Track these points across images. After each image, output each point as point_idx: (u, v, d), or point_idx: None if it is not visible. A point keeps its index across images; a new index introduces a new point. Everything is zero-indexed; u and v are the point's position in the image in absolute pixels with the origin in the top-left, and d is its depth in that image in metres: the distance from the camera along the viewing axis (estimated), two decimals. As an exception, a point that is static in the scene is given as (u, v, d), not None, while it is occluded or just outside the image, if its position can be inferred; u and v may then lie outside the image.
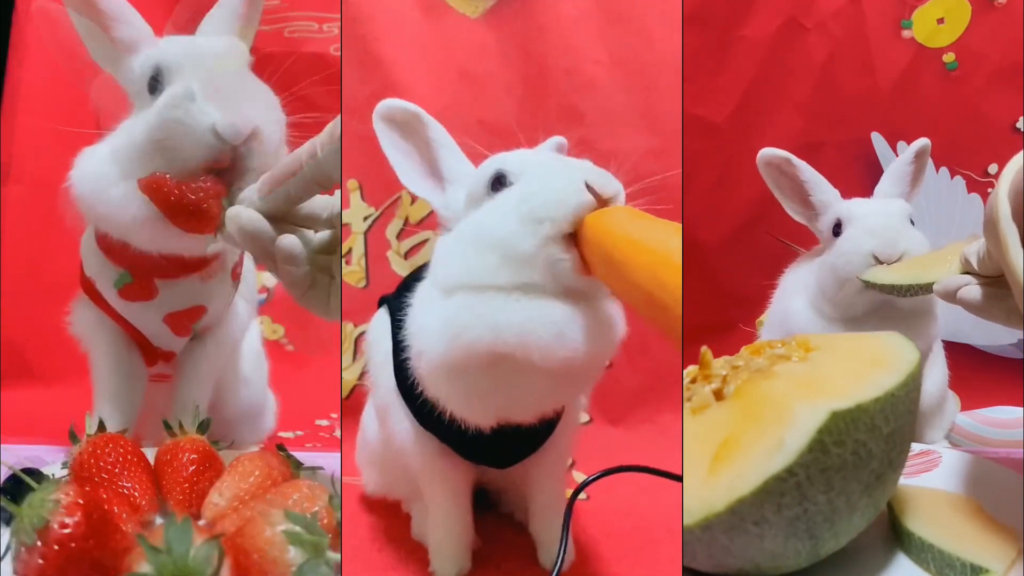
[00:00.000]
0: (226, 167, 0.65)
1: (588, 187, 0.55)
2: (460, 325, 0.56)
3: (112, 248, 0.75)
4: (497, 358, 0.55)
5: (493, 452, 0.67)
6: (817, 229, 0.93)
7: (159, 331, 0.82)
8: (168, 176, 0.65)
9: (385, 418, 0.68)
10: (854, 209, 0.88)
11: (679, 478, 0.54)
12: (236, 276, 0.84)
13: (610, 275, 0.52)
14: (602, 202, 0.55)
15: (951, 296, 0.62)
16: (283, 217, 0.56)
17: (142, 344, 0.83)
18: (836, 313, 0.88)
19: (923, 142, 0.93)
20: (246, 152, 0.65)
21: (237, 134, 0.64)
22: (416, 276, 0.65)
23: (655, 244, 0.48)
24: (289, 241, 0.53)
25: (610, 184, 0.57)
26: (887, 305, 0.86)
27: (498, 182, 0.60)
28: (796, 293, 0.94)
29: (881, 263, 0.83)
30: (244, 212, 0.55)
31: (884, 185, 0.93)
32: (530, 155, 0.62)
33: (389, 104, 0.66)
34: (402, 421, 0.66)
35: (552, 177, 0.57)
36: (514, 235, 0.55)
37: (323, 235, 0.57)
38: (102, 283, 0.78)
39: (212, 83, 0.66)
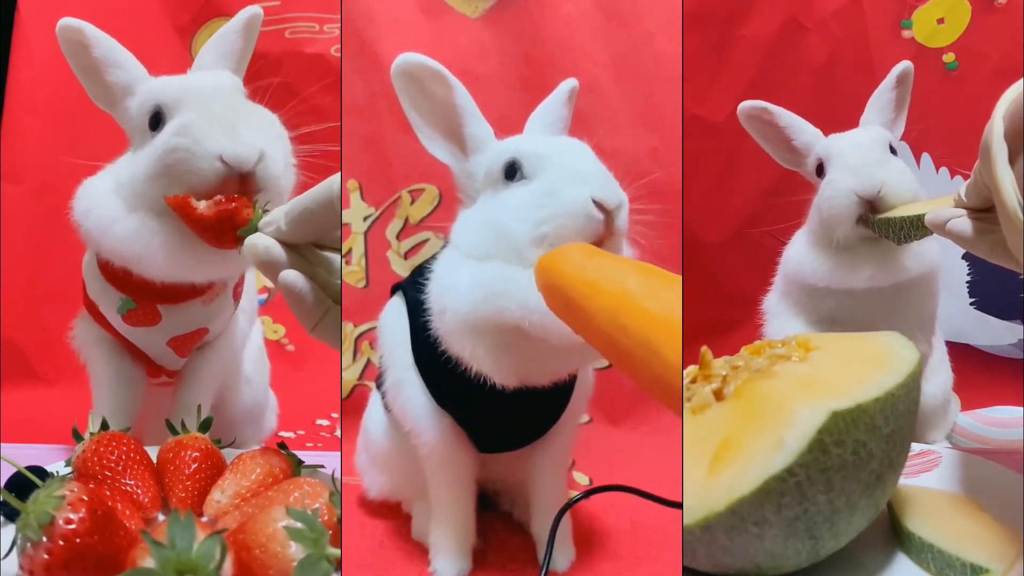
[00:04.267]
0: (234, 191, 0.66)
1: (595, 203, 0.56)
2: (491, 290, 0.57)
3: (115, 275, 0.75)
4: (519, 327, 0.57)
5: (503, 430, 0.68)
6: (807, 172, 0.92)
7: (163, 352, 0.82)
8: (192, 196, 0.66)
9: (396, 398, 0.68)
10: (832, 146, 0.87)
11: (677, 505, 0.54)
12: (237, 296, 0.84)
13: (571, 319, 0.50)
14: (608, 215, 0.57)
15: (941, 227, 0.63)
16: (314, 243, 0.54)
17: (145, 359, 0.84)
18: (834, 241, 0.86)
19: (905, 64, 0.91)
20: (254, 176, 0.66)
21: (244, 161, 0.66)
22: (425, 269, 0.66)
23: (612, 286, 0.46)
24: (290, 277, 0.51)
25: (615, 194, 0.58)
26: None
27: (511, 170, 0.61)
28: (793, 243, 0.93)
29: (863, 199, 0.81)
30: (261, 241, 0.52)
31: (868, 115, 0.92)
32: (543, 148, 0.62)
33: (409, 59, 0.63)
34: (417, 396, 0.66)
35: (562, 193, 0.57)
36: (528, 249, 0.57)
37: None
38: (105, 307, 0.79)
39: (214, 114, 0.67)
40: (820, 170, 0.88)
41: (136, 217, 0.70)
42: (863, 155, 0.84)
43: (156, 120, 0.70)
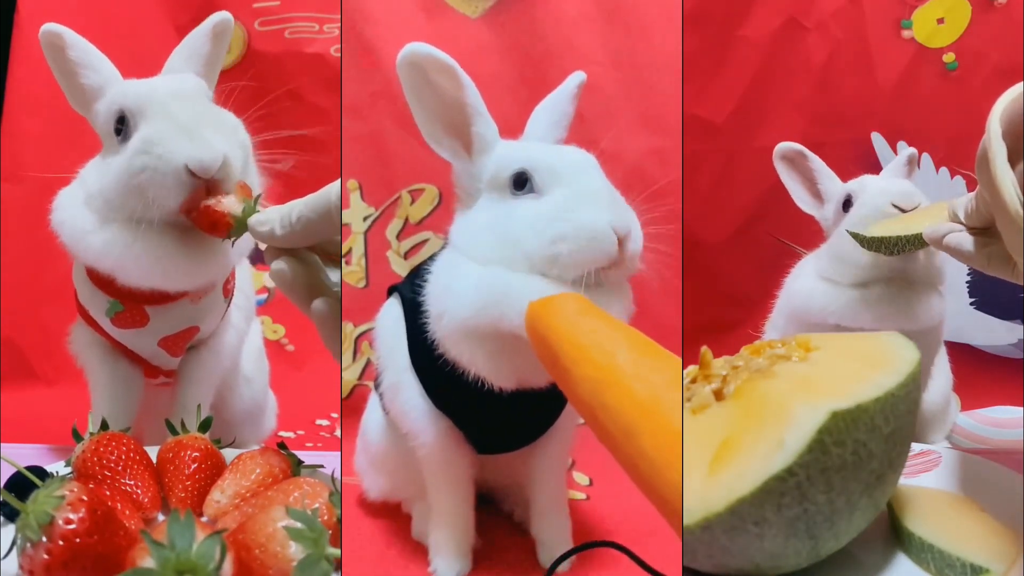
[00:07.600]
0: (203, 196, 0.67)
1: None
2: (492, 296, 0.57)
3: (101, 279, 0.75)
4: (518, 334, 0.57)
5: (500, 431, 0.67)
6: (823, 216, 0.93)
7: (155, 353, 0.82)
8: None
9: (394, 400, 0.68)
10: (864, 181, 0.89)
11: None
12: (228, 292, 0.84)
13: (556, 377, 0.49)
14: (621, 241, 0.57)
15: (938, 242, 0.63)
16: (310, 248, 0.53)
17: (142, 361, 0.84)
18: (849, 278, 0.86)
19: (912, 150, 0.95)
20: (220, 180, 0.67)
21: (208, 167, 0.66)
22: (422, 271, 0.65)
23: (600, 356, 0.45)
24: (278, 264, 0.51)
25: (627, 219, 0.58)
26: (898, 271, 0.85)
27: (520, 180, 0.61)
28: (800, 277, 0.94)
29: (898, 207, 0.83)
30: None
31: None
32: (556, 162, 0.61)
33: (417, 49, 0.61)
34: (414, 398, 0.66)
35: (579, 215, 0.58)
36: (541, 266, 0.57)
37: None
38: (95, 311, 0.79)
39: (176, 121, 0.68)
40: (846, 204, 0.88)
41: (110, 229, 0.71)
42: (900, 183, 0.87)
43: (120, 126, 0.71)
